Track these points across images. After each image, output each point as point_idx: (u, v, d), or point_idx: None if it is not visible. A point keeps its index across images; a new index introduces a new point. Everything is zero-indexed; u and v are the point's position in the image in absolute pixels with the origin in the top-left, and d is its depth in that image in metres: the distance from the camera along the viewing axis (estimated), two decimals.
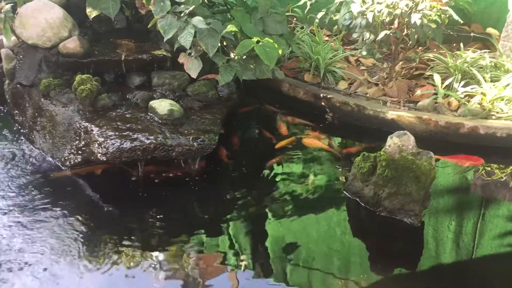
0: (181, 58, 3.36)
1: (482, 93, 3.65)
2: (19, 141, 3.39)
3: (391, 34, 3.68)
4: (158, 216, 2.72)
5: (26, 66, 3.49)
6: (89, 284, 2.24)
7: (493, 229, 2.72)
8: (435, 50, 4.47)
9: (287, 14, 4.62)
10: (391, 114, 3.65)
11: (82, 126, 3.01)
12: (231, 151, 3.37)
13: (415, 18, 3.48)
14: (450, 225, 2.74)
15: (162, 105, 3.15)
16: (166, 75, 3.47)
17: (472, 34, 4.70)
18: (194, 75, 3.32)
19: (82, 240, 2.50)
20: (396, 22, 3.74)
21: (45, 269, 2.29)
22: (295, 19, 5.11)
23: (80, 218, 2.66)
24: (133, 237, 2.56)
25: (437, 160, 2.85)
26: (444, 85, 3.78)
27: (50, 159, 3.18)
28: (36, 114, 3.35)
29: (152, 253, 2.46)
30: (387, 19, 3.62)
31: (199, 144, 2.98)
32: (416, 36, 3.73)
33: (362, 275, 2.37)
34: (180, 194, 2.95)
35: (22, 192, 2.84)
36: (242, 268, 2.40)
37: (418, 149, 2.66)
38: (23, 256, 2.36)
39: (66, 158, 3.08)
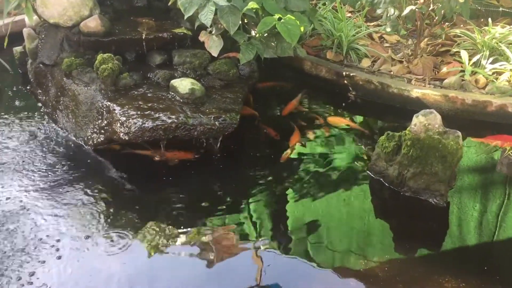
0: (202, 36, 3.32)
1: (511, 70, 3.54)
2: (42, 121, 3.42)
3: (416, 9, 3.58)
4: (180, 194, 2.74)
5: (48, 46, 3.50)
6: (112, 259, 2.27)
7: None
8: (462, 25, 4.34)
9: None
10: (416, 92, 3.57)
11: (105, 105, 3.02)
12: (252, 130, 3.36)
13: None
14: (476, 206, 2.69)
15: (183, 84, 3.13)
16: (187, 54, 3.44)
17: (500, 8, 4.54)
18: (215, 53, 3.28)
19: (105, 216, 2.53)
20: None
21: (58, 240, 2.33)
22: None
23: (103, 195, 2.69)
24: (156, 214, 2.58)
25: (464, 139, 2.79)
26: (471, 62, 3.68)
27: (73, 138, 3.20)
28: (59, 93, 3.37)
29: (174, 231, 2.47)
30: None
31: (220, 124, 2.96)
32: (442, 11, 3.62)
33: (386, 256, 2.34)
34: (202, 172, 2.95)
35: (48, 171, 2.88)
36: (264, 246, 2.40)
37: (444, 128, 2.60)
38: (49, 232, 2.41)
39: (89, 137, 3.10)
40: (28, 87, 3.86)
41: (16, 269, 2.19)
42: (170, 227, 2.50)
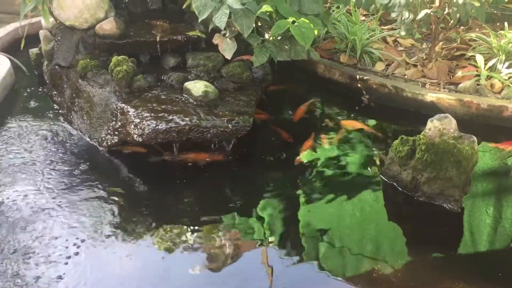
0: (216, 39, 3.34)
1: None
2: (57, 122, 3.45)
3: (431, 13, 3.56)
4: (193, 196, 2.75)
5: (64, 48, 3.54)
6: (126, 259, 2.29)
7: None
8: (477, 29, 4.30)
9: None
10: (430, 96, 3.55)
11: (119, 107, 3.04)
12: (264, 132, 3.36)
13: None
14: (491, 212, 2.66)
15: (197, 87, 3.14)
16: (200, 56, 3.45)
17: None
18: (228, 56, 3.29)
19: (120, 216, 2.55)
20: (437, 0, 3.61)
21: (81, 242, 2.35)
22: None
23: (118, 195, 2.71)
24: (168, 215, 2.59)
25: (479, 144, 2.75)
26: (487, 66, 3.64)
27: (88, 139, 3.23)
28: (74, 95, 3.40)
29: (185, 232, 2.48)
30: None
31: (233, 126, 2.96)
32: (458, 15, 3.59)
33: (399, 261, 2.32)
34: (214, 174, 2.96)
35: (62, 172, 2.91)
36: (275, 249, 2.40)
37: (459, 133, 2.58)
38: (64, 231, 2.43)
39: (103, 138, 3.12)
40: (43, 89, 3.91)
41: (41, 265, 2.22)
42: (182, 228, 2.51)
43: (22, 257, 2.27)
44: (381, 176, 2.89)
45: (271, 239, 2.48)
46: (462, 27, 4.37)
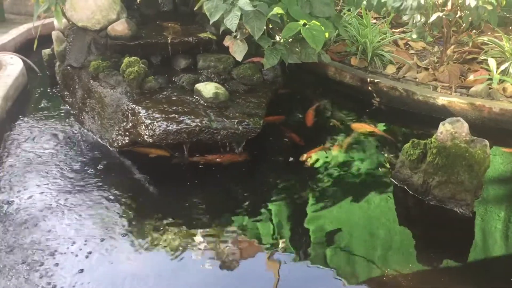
0: (227, 41, 3.35)
1: None
2: (69, 122, 3.47)
3: (443, 16, 3.54)
4: (202, 197, 2.75)
5: (76, 48, 3.56)
6: (133, 260, 2.29)
7: None
8: (489, 33, 4.27)
9: None
10: (441, 99, 3.53)
11: (130, 108, 3.06)
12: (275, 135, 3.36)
13: None
14: (503, 216, 2.63)
15: (208, 88, 3.15)
16: (211, 58, 3.46)
17: None
18: (239, 58, 3.30)
19: (129, 217, 2.55)
20: (449, 3, 3.59)
21: (84, 239, 2.36)
22: (341, 0, 5.00)
23: (128, 197, 2.72)
24: (176, 217, 2.59)
25: (490, 148, 2.73)
26: (499, 70, 3.62)
27: (99, 139, 3.25)
28: (86, 95, 3.42)
29: (194, 233, 2.48)
30: (440, 1, 3.48)
31: (244, 128, 2.97)
32: (470, 18, 3.57)
33: (410, 265, 2.31)
34: (223, 176, 2.96)
35: (73, 172, 2.92)
36: (283, 251, 2.39)
37: (472, 137, 2.56)
38: (72, 233, 2.44)
39: (114, 139, 3.14)
40: (54, 89, 3.94)
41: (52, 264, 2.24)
42: (191, 229, 2.51)
43: (40, 252, 2.29)
44: (391, 179, 2.88)
45: (280, 241, 2.47)
46: (474, 31, 4.34)
